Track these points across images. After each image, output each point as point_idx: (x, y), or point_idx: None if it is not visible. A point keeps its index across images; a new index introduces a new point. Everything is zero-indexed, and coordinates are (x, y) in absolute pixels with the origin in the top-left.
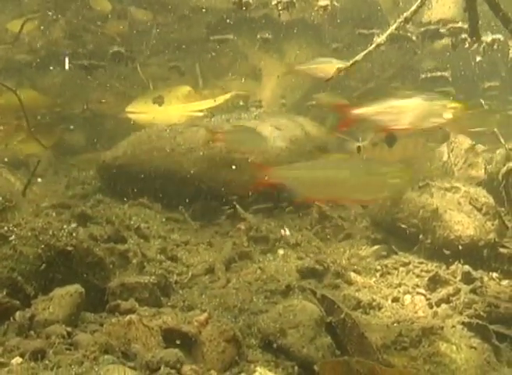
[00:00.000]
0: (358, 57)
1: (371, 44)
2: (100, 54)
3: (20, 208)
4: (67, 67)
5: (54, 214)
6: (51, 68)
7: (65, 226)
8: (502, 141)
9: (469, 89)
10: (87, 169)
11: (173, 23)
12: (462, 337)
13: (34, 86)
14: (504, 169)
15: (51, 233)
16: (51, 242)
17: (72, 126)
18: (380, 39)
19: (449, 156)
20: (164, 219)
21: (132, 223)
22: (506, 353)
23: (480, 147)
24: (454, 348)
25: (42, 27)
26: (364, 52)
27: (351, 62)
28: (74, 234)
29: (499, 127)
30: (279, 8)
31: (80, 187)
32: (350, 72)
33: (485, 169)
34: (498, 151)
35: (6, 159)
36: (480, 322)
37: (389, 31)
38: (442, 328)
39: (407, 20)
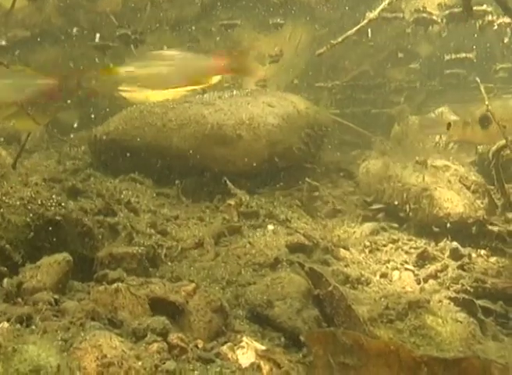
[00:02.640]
0: (350, 32)
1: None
2: (94, 31)
3: (10, 180)
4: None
5: (43, 184)
6: (44, 45)
7: (53, 196)
8: (494, 119)
9: (480, 71)
10: (78, 145)
11: (166, 2)
12: (448, 312)
13: (27, 63)
14: (494, 147)
15: (39, 202)
16: (40, 211)
17: (66, 104)
18: (372, 15)
19: (440, 136)
20: (154, 194)
21: (122, 197)
22: (491, 327)
23: None
24: (440, 321)
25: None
26: (356, 27)
27: (343, 37)
28: (63, 204)
29: None
30: None
31: (72, 162)
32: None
33: (476, 148)
34: None
35: None
36: (466, 297)
37: (381, 6)
38: (428, 302)
39: None
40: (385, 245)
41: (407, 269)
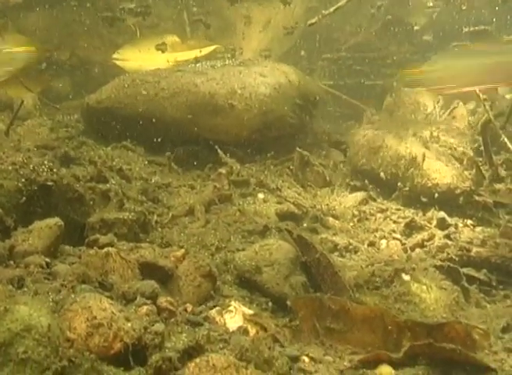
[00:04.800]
0: (341, 3)
1: None
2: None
3: (2, 146)
4: None
5: (35, 150)
6: (37, 11)
7: (45, 162)
8: (477, 91)
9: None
10: (71, 113)
11: None
12: (433, 279)
13: (20, 30)
14: (483, 119)
15: (31, 167)
16: (32, 177)
17: (59, 72)
18: None
19: (434, 107)
20: (146, 162)
21: (114, 164)
22: (474, 295)
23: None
24: (425, 288)
25: None
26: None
27: (334, 7)
28: (55, 170)
29: None
30: None
31: (64, 129)
32: None
33: (468, 120)
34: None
35: None
36: (451, 265)
37: None
38: (413, 269)
39: None
40: (373, 214)
41: (394, 238)
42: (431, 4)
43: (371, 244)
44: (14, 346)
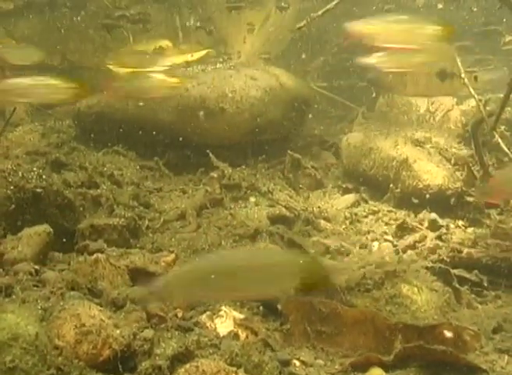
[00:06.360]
0: (330, 5)
1: None
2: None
3: None
4: None
5: (24, 156)
6: (29, 17)
7: (34, 169)
8: (472, 91)
9: (488, 43)
10: (63, 118)
11: None
12: (424, 281)
13: (12, 35)
14: (473, 119)
15: (20, 175)
16: (21, 184)
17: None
18: None
19: (428, 109)
20: (138, 167)
21: (105, 169)
22: (465, 296)
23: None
24: (416, 290)
25: None
26: (336, 1)
27: (323, 10)
28: (44, 177)
29: None
30: None
31: (56, 135)
32: None
33: (461, 121)
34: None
35: None
36: (443, 266)
37: None
38: (404, 271)
39: None
40: (365, 217)
41: (386, 239)
42: (440, 6)
43: (363, 246)
44: (1, 355)
